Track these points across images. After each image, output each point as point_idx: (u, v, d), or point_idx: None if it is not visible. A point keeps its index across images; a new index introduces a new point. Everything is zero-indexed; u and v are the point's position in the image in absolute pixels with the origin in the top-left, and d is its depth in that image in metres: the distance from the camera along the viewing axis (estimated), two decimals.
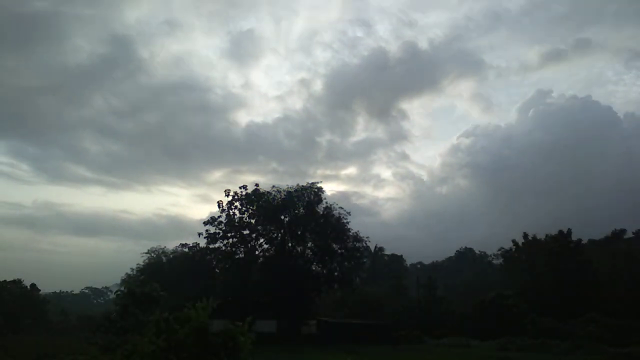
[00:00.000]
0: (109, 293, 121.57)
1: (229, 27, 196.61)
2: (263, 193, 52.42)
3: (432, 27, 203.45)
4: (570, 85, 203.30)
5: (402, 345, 42.43)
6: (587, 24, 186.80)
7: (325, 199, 52.72)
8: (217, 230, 51.23)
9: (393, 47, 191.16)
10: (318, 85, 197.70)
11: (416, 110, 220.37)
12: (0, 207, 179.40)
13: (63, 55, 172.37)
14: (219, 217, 51.73)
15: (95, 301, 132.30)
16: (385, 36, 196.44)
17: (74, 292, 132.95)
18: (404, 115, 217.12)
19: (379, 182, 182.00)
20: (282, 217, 51.66)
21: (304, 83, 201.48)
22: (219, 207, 51.87)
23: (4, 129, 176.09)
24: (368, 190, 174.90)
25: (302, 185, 52.67)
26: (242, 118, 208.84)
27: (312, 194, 51.94)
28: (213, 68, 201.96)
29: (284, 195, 52.04)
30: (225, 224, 51.52)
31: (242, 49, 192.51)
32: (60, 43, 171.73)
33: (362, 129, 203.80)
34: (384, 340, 44.62)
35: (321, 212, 51.82)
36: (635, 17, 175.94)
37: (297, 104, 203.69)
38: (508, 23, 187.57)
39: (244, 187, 52.63)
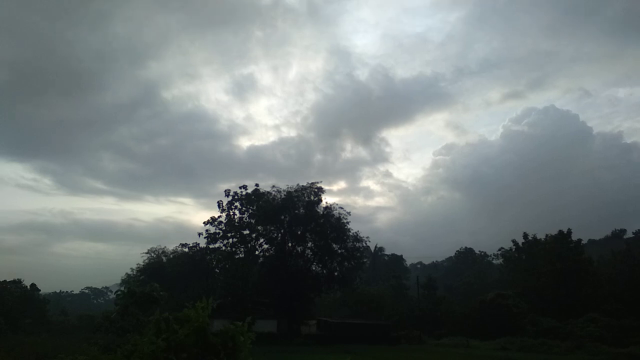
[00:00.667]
0: (109, 293, 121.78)
1: (233, 72, 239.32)
2: (263, 193, 52.35)
3: (406, 74, 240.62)
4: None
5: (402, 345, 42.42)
6: (540, 68, 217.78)
7: (325, 199, 52.86)
8: (217, 230, 51.23)
9: (373, 88, 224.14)
10: (310, 118, 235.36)
11: (396, 137, 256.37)
12: (21, 215, 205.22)
13: (100, 97, 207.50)
14: (219, 217, 51.72)
15: (95, 301, 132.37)
16: (365, 80, 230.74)
17: (74, 292, 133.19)
18: (385, 142, 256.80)
19: (369, 193, 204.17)
20: (282, 217, 51.57)
21: (297, 115, 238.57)
22: (219, 207, 51.84)
23: (33, 152, 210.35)
24: (359, 200, 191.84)
25: (302, 185, 52.66)
26: (244, 142, 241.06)
27: (312, 194, 51.90)
28: (220, 104, 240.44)
29: (284, 195, 51.97)
30: (225, 224, 51.48)
31: (244, 90, 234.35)
32: (100, 88, 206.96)
33: (349, 151, 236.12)
34: (384, 340, 44.62)
35: (321, 212, 51.79)
36: (586, 59, 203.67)
37: (291, 132, 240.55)
38: (469, 75, 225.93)
39: (244, 187, 52.62)
